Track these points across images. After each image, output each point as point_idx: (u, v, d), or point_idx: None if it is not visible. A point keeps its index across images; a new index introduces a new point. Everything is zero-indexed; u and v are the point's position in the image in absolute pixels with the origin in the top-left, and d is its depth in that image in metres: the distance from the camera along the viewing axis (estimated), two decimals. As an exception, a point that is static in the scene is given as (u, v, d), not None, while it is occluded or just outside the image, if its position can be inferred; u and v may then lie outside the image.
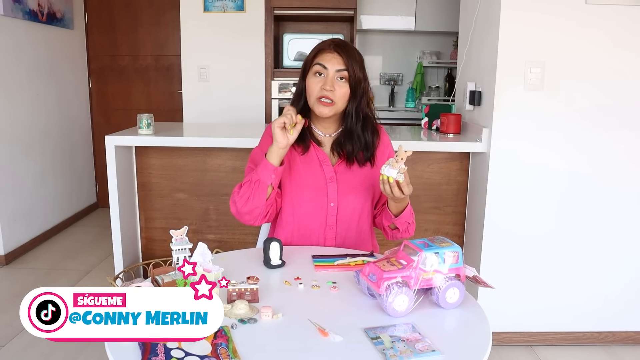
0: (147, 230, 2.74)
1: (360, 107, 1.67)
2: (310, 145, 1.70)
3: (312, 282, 1.38)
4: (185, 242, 1.51)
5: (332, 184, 1.70)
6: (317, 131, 1.74)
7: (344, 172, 1.71)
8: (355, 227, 1.75)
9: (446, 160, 2.63)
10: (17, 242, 3.79)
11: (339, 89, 1.62)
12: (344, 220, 1.73)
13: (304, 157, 1.71)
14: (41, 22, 4.08)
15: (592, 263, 2.54)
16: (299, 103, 1.71)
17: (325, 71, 1.62)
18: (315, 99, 1.63)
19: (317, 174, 1.70)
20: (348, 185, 1.71)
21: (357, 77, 1.63)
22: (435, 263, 1.23)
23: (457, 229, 2.72)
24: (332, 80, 1.61)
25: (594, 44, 2.36)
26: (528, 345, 2.62)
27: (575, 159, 2.45)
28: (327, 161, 1.71)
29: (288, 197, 1.73)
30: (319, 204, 1.71)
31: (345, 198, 1.71)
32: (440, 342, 1.09)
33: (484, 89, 2.56)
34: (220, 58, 4.18)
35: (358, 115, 1.67)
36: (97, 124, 5.01)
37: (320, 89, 1.62)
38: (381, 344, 1.08)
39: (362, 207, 1.74)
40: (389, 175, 1.45)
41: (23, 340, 2.65)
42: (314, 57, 1.66)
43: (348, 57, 1.62)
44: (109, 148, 2.46)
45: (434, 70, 4.84)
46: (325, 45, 1.66)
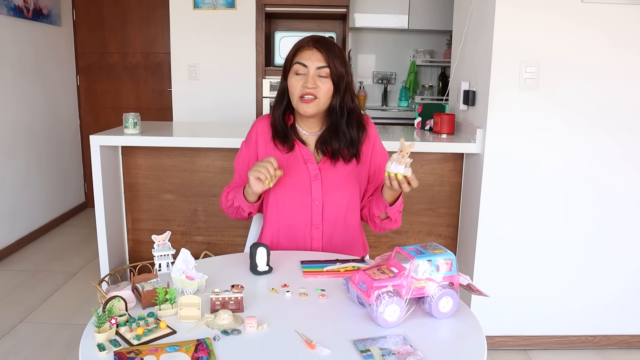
0: (134, 232, 2.69)
1: (344, 102, 1.65)
2: (294, 145, 1.69)
3: (300, 290, 1.34)
4: (168, 247, 1.50)
5: (317, 182, 1.68)
6: (301, 130, 1.73)
7: (329, 170, 1.69)
8: (343, 225, 1.73)
9: (439, 161, 2.60)
10: (2, 244, 3.71)
11: (321, 86, 1.61)
12: (330, 218, 1.71)
13: (287, 155, 1.70)
14: (27, 18, 4.00)
15: (587, 266, 2.51)
16: (282, 104, 1.70)
17: (305, 69, 1.61)
18: (298, 98, 1.62)
19: (300, 172, 1.69)
20: (333, 182, 1.69)
21: (339, 73, 1.62)
22: (428, 271, 1.18)
23: (451, 231, 2.69)
24: (313, 77, 1.60)
25: (591, 43, 2.32)
26: (522, 349, 2.59)
27: (571, 160, 2.41)
28: (311, 159, 1.69)
29: (272, 197, 1.72)
30: (303, 203, 1.69)
31: (330, 196, 1.69)
32: (433, 354, 1.06)
33: (478, 89, 2.52)
34: (210, 56, 4.14)
35: (342, 110, 1.66)
36: (85, 122, 4.94)
37: (302, 87, 1.61)
38: (371, 357, 1.04)
39: (349, 204, 1.72)
40: (397, 172, 1.42)
41: (5, 345, 2.59)
42: (294, 56, 1.64)
43: (328, 53, 1.61)
44: (94, 148, 2.42)
45: (427, 69, 4.81)
46: (304, 42, 1.65)
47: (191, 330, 1.13)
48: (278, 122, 1.70)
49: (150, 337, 1.09)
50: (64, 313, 2.93)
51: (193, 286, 1.28)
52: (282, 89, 1.69)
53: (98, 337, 1.07)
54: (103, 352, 1.04)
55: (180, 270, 1.29)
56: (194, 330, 1.13)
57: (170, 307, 1.20)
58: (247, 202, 1.66)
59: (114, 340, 1.08)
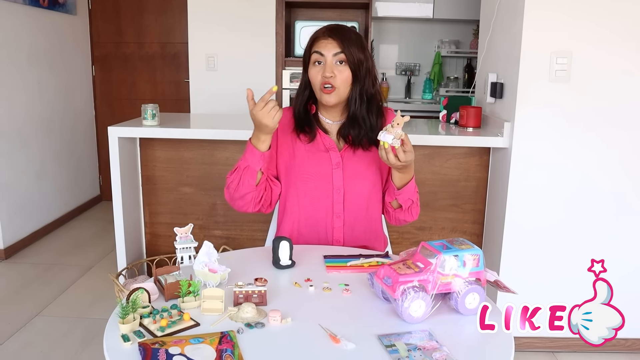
0: (151, 226, 2.67)
1: (364, 88, 1.65)
2: (316, 134, 1.69)
3: (323, 284, 1.34)
4: (190, 240, 1.49)
5: (338, 170, 1.68)
6: (324, 119, 1.73)
7: (350, 158, 1.69)
8: (365, 214, 1.72)
9: (465, 156, 2.55)
10: (17, 236, 3.71)
11: (339, 74, 1.61)
12: (351, 207, 1.70)
13: (309, 145, 1.69)
14: (42, 7, 3.98)
15: (620, 267, 2.42)
16: (303, 95, 1.71)
17: (322, 58, 1.62)
18: (319, 88, 1.63)
19: (322, 161, 1.69)
20: (354, 171, 1.69)
21: (357, 59, 1.62)
22: (455, 266, 1.17)
23: (476, 228, 2.64)
24: (330, 66, 1.61)
25: (624, 33, 2.25)
26: (550, 351, 2.54)
27: (603, 155, 2.35)
28: (334, 147, 1.69)
29: (292, 187, 1.71)
30: (324, 192, 1.69)
31: (352, 184, 1.69)
32: (459, 351, 1.05)
33: (506, 81, 2.47)
34: (229, 46, 4.11)
35: (362, 98, 1.65)
36: (100, 113, 4.92)
37: (322, 77, 1.61)
38: (396, 352, 1.03)
39: (370, 193, 1.71)
40: (385, 141, 1.45)
41: (22, 338, 2.59)
42: (311, 47, 1.66)
43: (343, 40, 1.61)
44: (112, 139, 2.40)
45: (452, 60, 4.74)
46: (319, 32, 1.66)
47: (214, 323, 1.13)
48: (300, 112, 1.71)
49: (174, 329, 1.09)
50: (80, 307, 2.92)
51: (216, 279, 1.27)
52: (305, 82, 1.71)
53: (122, 328, 1.07)
54: (127, 343, 1.04)
55: (202, 263, 1.28)
56: (217, 323, 1.13)
57: (193, 300, 1.20)
58: (257, 154, 1.57)
59: (137, 331, 1.08)
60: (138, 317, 1.11)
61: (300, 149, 1.69)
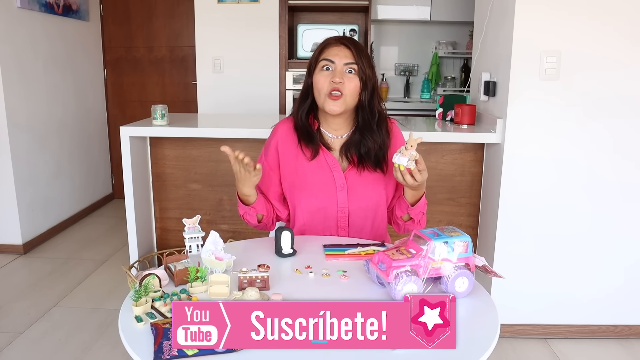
0: (161, 221, 2.76)
1: (372, 103, 1.62)
2: (319, 150, 1.65)
3: (322, 271, 1.39)
4: (198, 230, 1.53)
5: (342, 192, 1.65)
6: (326, 134, 1.68)
7: (355, 179, 1.66)
8: (370, 229, 1.72)
9: (460, 151, 2.62)
10: (35, 232, 3.85)
11: (348, 82, 1.57)
12: (356, 224, 1.71)
13: (312, 162, 1.66)
14: (57, 14, 4.11)
15: (608, 255, 2.51)
16: (305, 102, 1.66)
17: (332, 65, 1.58)
18: (325, 95, 1.58)
19: (327, 181, 1.66)
20: (359, 192, 1.66)
21: (367, 73, 1.59)
22: (444, 252, 1.23)
23: (471, 221, 2.71)
24: (340, 72, 1.57)
25: (612, 33, 2.31)
26: (542, 337, 2.60)
27: (592, 150, 2.41)
28: (337, 167, 1.65)
29: (298, 208, 1.71)
30: (329, 213, 1.68)
31: (357, 205, 1.67)
32: None
33: (498, 79, 2.53)
34: (234, 49, 4.19)
35: (372, 110, 1.62)
36: (112, 115, 5.05)
37: (330, 83, 1.56)
38: None
39: (376, 211, 1.70)
40: (400, 163, 1.44)
41: (40, 327, 2.70)
42: (320, 53, 1.62)
43: (356, 50, 1.58)
44: (123, 139, 2.48)
45: (449, 61, 4.80)
46: (331, 40, 1.62)
47: None
48: (301, 121, 1.66)
49: None
50: (95, 298, 3.03)
51: (222, 266, 1.32)
52: (307, 87, 1.65)
53: (135, 310, 1.14)
54: (140, 323, 1.11)
55: (209, 251, 1.33)
56: None
57: (200, 285, 1.26)
58: (245, 207, 1.64)
59: (150, 313, 1.15)
60: (150, 300, 1.16)
61: (303, 166, 1.66)
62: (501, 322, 1.19)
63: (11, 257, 3.64)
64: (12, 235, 3.67)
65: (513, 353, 2.49)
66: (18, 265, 3.53)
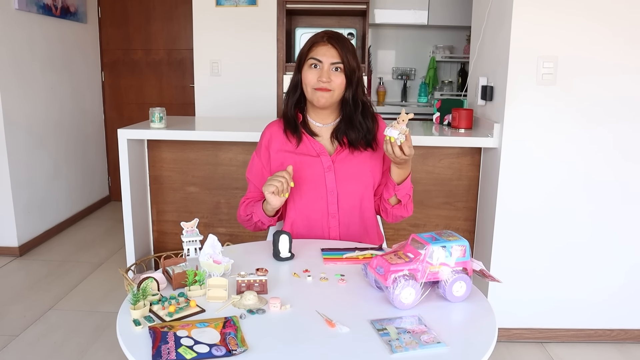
0: (158, 224, 2.76)
1: (357, 94, 1.73)
2: (302, 137, 1.75)
3: (320, 275, 1.39)
4: (196, 234, 1.53)
5: (330, 173, 1.73)
6: (314, 122, 1.79)
7: (342, 161, 1.74)
8: (359, 214, 1.77)
9: (457, 156, 2.62)
10: (31, 234, 3.84)
11: (335, 79, 1.68)
12: (345, 207, 1.75)
13: (299, 151, 1.75)
14: (55, 16, 4.11)
15: (604, 260, 2.52)
16: (294, 94, 1.77)
17: (320, 64, 1.68)
18: (312, 88, 1.69)
19: (313, 165, 1.74)
20: (346, 173, 1.74)
21: (352, 67, 1.69)
22: (442, 256, 1.23)
23: (468, 225, 2.71)
24: (327, 72, 1.68)
25: (609, 38, 2.32)
26: (539, 341, 2.61)
27: (589, 154, 2.42)
28: (324, 151, 1.75)
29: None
30: (318, 194, 1.74)
31: (344, 186, 1.74)
32: (446, 335, 1.10)
33: (495, 84, 2.54)
34: (232, 52, 4.19)
35: (356, 102, 1.73)
36: (109, 117, 5.05)
37: (317, 81, 1.68)
38: (387, 335, 1.09)
39: (363, 194, 1.76)
40: (391, 136, 1.52)
41: (36, 330, 2.69)
42: (309, 51, 1.71)
43: (342, 49, 1.68)
44: (121, 141, 2.48)
45: (447, 65, 4.82)
46: (318, 38, 1.72)
47: (219, 310, 1.19)
48: (290, 112, 1.77)
49: (181, 314, 1.16)
50: (91, 301, 3.02)
51: (220, 270, 1.32)
52: (296, 81, 1.76)
53: (133, 314, 1.14)
54: (138, 327, 1.11)
55: (207, 254, 1.33)
56: (221, 310, 1.19)
57: (199, 288, 1.26)
58: (267, 217, 1.71)
59: (148, 316, 1.15)
60: (148, 304, 1.16)
61: (292, 154, 1.74)
62: (498, 326, 1.19)
63: (7, 259, 3.63)
64: (8, 237, 3.66)
65: (510, 357, 2.49)
66: (14, 268, 3.52)
